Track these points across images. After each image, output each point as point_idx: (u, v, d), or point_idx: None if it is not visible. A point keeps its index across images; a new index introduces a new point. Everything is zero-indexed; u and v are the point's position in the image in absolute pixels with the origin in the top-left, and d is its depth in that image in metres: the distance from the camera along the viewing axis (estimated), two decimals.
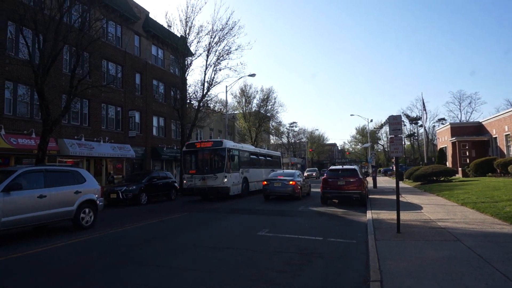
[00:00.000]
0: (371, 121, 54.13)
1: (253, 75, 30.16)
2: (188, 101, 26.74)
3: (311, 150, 77.66)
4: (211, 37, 25.32)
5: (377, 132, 79.92)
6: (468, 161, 29.99)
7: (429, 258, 5.67)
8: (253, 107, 45.71)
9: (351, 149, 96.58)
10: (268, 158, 25.75)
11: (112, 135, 23.17)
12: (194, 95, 26.48)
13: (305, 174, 38.80)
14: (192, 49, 25.47)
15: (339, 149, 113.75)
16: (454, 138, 32.35)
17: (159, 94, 29.28)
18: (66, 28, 14.31)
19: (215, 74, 26.03)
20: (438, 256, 5.77)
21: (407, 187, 22.89)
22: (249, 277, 5.30)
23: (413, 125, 69.31)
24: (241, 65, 69.23)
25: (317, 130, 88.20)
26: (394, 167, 15.43)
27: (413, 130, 70.33)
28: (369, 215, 10.61)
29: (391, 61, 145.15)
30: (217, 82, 26.38)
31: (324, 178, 15.13)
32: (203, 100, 26.32)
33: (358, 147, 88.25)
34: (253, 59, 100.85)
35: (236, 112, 47.61)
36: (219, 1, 75.39)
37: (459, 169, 30.44)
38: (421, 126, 64.75)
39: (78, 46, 14.91)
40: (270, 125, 53.45)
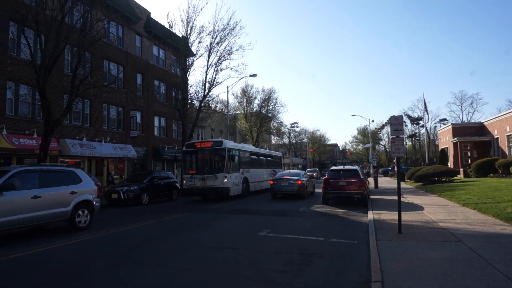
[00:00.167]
0: (373, 121, 54.10)
1: (254, 75, 30.12)
2: (190, 101, 26.71)
3: (312, 151, 77.59)
4: (212, 37, 25.31)
5: (379, 133, 79.80)
6: (469, 162, 29.90)
7: (431, 258, 5.65)
8: (255, 107, 45.67)
9: (352, 150, 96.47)
10: (268, 158, 25.68)
11: (113, 135, 23.21)
12: (195, 95, 26.47)
13: None
14: (194, 49, 25.48)
15: (340, 149, 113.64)
16: (455, 139, 32.28)
17: (160, 94, 29.32)
18: (67, 29, 14.38)
19: (216, 75, 26.03)
20: (439, 256, 5.75)
21: (408, 187, 22.84)
22: (249, 277, 5.30)
23: (414, 125, 69.04)
24: (242, 65, 68.98)
25: (319, 130, 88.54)
26: (396, 168, 15.43)
27: (415, 131, 70.10)
28: (370, 215, 10.60)
29: (391, 61, 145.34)
30: (218, 82, 26.37)
31: (325, 178, 15.13)
32: (205, 100, 26.28)
33: (360, 147, 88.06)
34: (254, 59, 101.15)
35: (237, 113, 47.53)
36: (220, 1, 75.05)
37: (461, 169, 30.35)
38: (422, 126, 64.49)
39: (80, 47, 14.95)
40: (272, 125, 53.39)
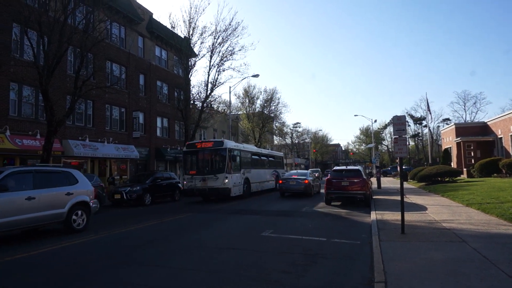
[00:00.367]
0: (375, 121, 53.55)
1: (256, 75, 30.07)
2: (192, 101, 26.77)
3: (315, 151, 77.52)
4: (214, 38, 25.35)
5: (381, 133, 79.55)
6: (473, 162, 29.74)
7: (434, 259, 5.62)
8: (257, 107, 45.72)
9: (355, 150, 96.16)
10: (270, 158, 25.61)
11: (116, 136, 23.28)
12: (197, 95, 26.55)
13: None
14: (196, 50, 25.53)
15: (343, 149, 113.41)
16: (459, 139, 32.14)
17: (163, 95, 29.37)
18: (70, 30, 14.43)
19: (218, 75, 26.05)
20: (443, 257, 5.72)
21: (411, 187, 22.76)
22: (253, 277, 5.29)
23: (417, 125, 68.77)
24: (244, 65, 68.82)
25: (321, 130, 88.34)
26: (398, 168, 15.39)
27: (418, 131, 69.82)
28: (373, 215, 10.56)
29: (392, 61, 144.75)
30: (220, 82, 26.39)
31: (328, 178, 15.08)
32: (207, 100, 26.31)
33: (362, 147, 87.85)
34: (256, 59, 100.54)
35: (239, 113, 47.52)
36: (222, 2, 75.17)
37: (464, 169, 30.20)
38: (425, 126, 64.21)
39: (83, 48, 15.02)
40: (274, 125, 53.39)
